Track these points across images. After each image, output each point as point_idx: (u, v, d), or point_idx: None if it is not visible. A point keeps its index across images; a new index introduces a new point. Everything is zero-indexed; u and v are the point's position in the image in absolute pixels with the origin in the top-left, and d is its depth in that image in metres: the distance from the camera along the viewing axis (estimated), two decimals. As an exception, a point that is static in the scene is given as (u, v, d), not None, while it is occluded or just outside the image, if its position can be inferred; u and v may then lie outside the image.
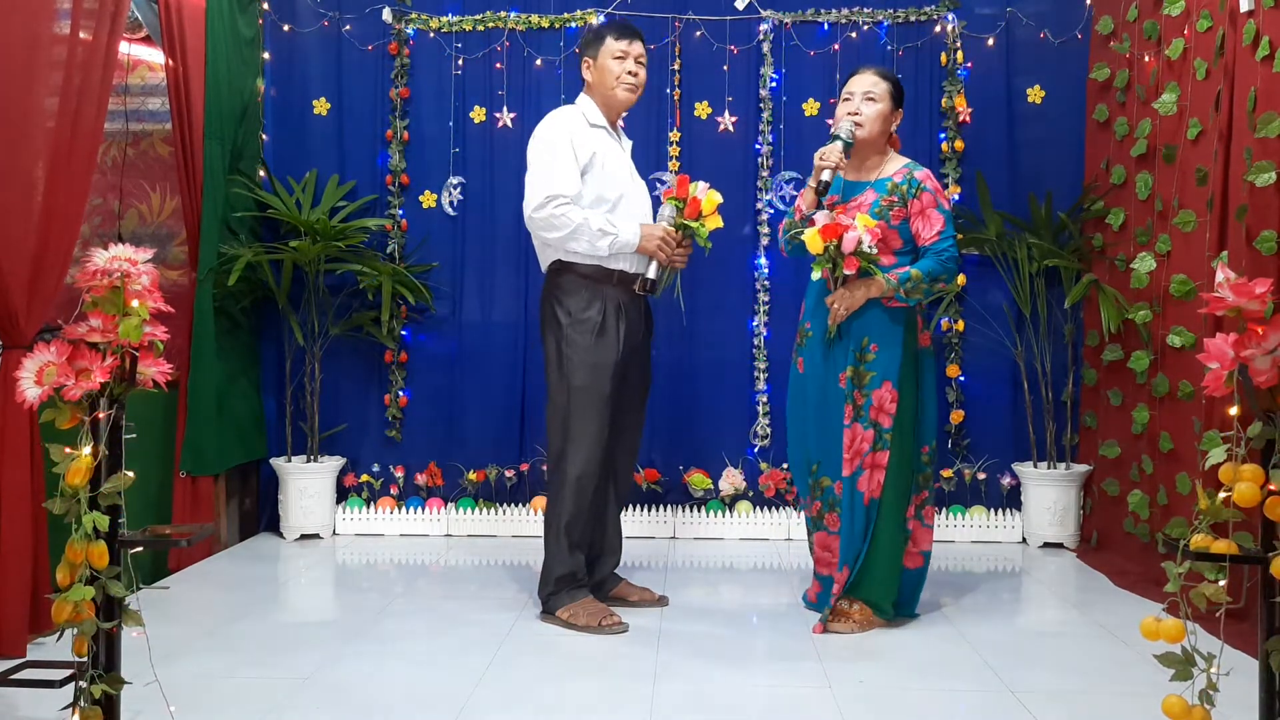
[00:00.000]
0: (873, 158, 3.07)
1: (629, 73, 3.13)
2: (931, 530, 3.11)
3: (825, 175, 2.92)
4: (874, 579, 3.00)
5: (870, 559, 2.98)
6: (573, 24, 4.37)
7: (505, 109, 4.39)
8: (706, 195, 3.06)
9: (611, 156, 3.11)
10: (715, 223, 3.08)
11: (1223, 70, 3.22)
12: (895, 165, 3.05)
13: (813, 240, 2.87)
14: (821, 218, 2.89)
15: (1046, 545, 4.12)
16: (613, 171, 3.09)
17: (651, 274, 3.01)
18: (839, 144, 2.96)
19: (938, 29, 4.33)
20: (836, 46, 4.33)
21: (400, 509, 4.34)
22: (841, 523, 2.98)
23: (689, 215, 3.06)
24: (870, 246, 2.85)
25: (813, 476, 3.06)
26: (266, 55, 4.40)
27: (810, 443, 3.06)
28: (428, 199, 4.41)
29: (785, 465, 4.34)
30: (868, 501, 2.96)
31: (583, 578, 3.11)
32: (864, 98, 3.01)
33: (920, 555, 3.09)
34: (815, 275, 2.97)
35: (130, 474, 1.99)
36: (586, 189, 3.04)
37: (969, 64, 4.31)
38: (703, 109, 4.38)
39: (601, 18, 4.33)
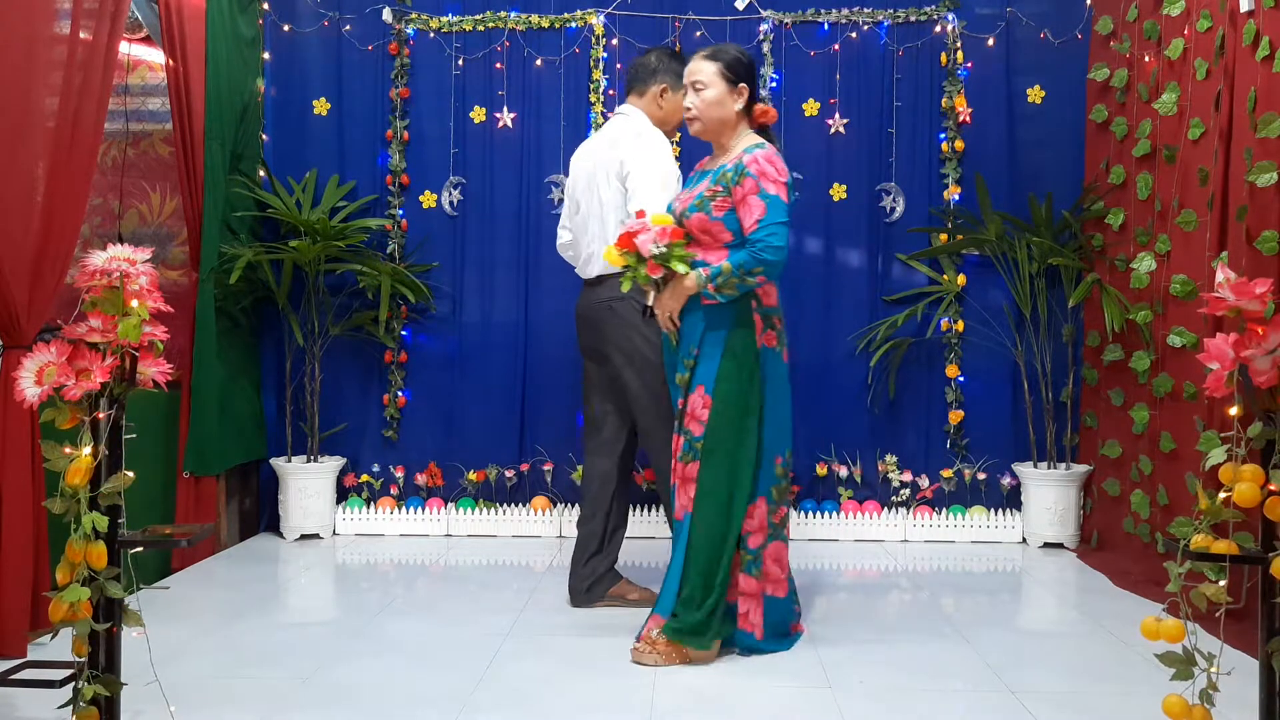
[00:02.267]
0: (724, 140, 2.85)
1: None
2: (787, 546, 2.83)
3: (649, 299, 2.83)
4: (687, 602, 2.69)
5: (684, 580, 2.70)
6: (572, 24, 4.37)
7: (505, 109, 4.39)
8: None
9: None
10: None
11: (1223, 70, 3.22)
12: (738, 149, 2.79)
13: (610, 255, 2.74)
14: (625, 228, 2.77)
15: (1047, 545, 4.12)
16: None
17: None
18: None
19: (938, 29, 4.33)
20: (836, 47, 4.33)
21: (400, 509, 4.34)
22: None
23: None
24: (656, 244, 2.64)
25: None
26: (266, 55, 4.40)
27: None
28: (428, 199, 4.42)
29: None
30: (680, 516, 2.73)
31: None
32: (693, 89, 2.83)
33: (785, 581, 2.81)
34: (625, 288, 2.76)
35: (130, 474, 1.99)
36: None
37: (969, 64, 4.31)
38: (703, 109, 4.37)
39: (601, 18, 4.33)
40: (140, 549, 2.03)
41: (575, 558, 3.27)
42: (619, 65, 4.36)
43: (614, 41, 4.35)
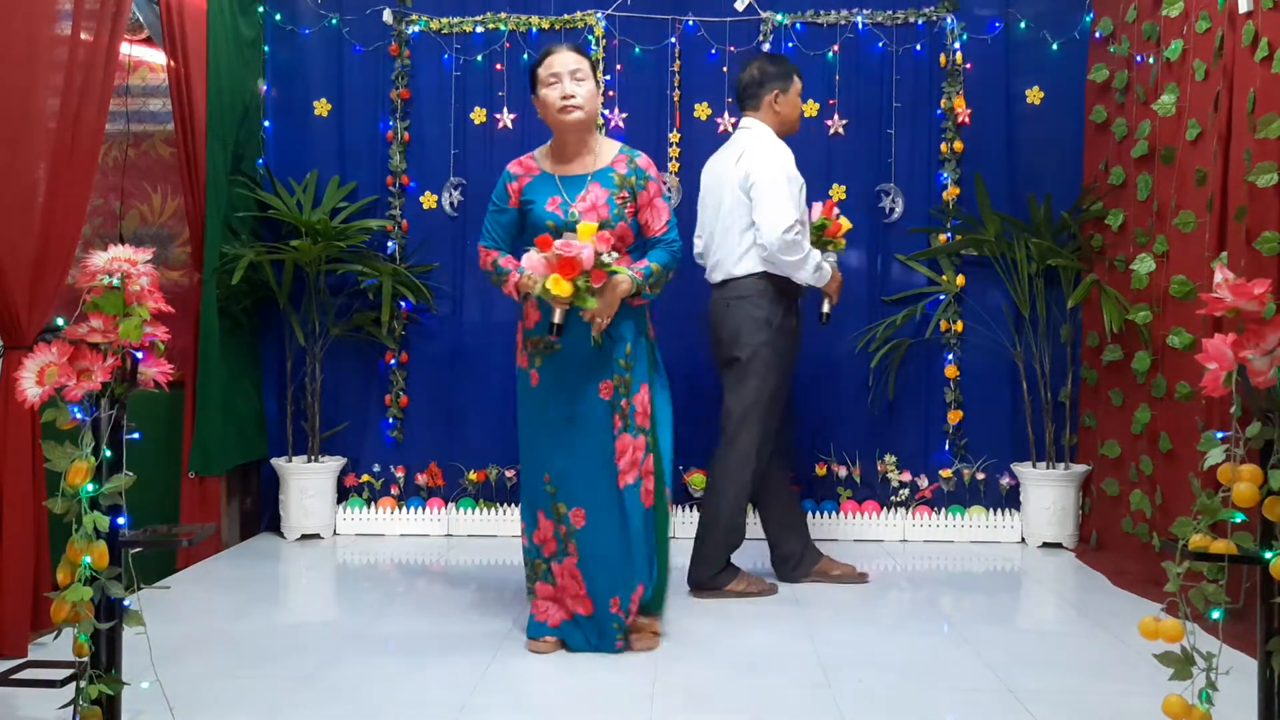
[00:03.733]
0: (587, 143, 2.81)
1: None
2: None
3: (557, 317, 2.62)
4: (660, 585, 2.89)
5: (661, 567, 2.89)
6: (572, 25, 4.37)
7: (505, 110, 4.39)
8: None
9: None
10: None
11: (1222, 71, 3.22)
12: (611, 152, 2.80)
13: (558, 285, 2.52)
14: (536, 262, 2.56)
15: (1045, 545, 4.12)
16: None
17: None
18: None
19: (937, 30, 4.33)
20: (836, 48, 4.33)
21: (401, 509, 4.34)
22: (615, 540, 2.76)
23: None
24: (609, 255, 2.59)
25: (553, 499, 2.79)
26: (267, 56, 4.40)
27: (550, 463, 2.79)
28: (428, 200, 4.42)
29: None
30: (650, 504, 2.81)
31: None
32: (573, 77, 2.74)
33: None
34: (590, 304, 2.59)
35: (131, 474, 2.00)
36: None
37: (968, 65, 4.32)
38: (702, 110, 4.38)
39: (601, 19, 4.34)
40: (141, 549, 2.04)
41: (700, 540, 3.47)
42: (619, 66, 4.36)
43: (614, 42, 4.35)
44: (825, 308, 3.52)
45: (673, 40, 4.36)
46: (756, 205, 3.27)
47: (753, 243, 3.30)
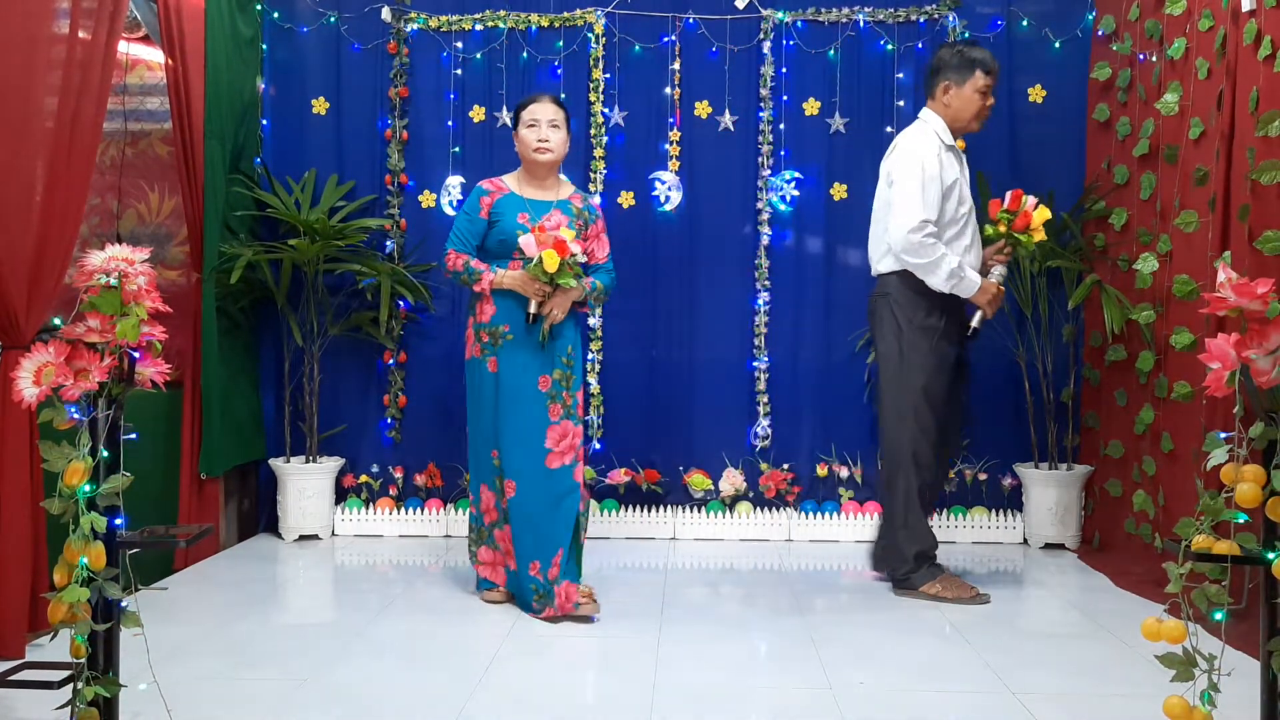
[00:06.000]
0: (552, 178, 3.31)
1: (987, 107, 3.39)
2: None
3: (533, 308, 3.12)
4: (578, 553, 3.20)
5: (576, 540, 3.18)
6: (572, 23, 4.36)
7: (505, 108, 4.38)
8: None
9: (963, 179, 3.37)
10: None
11: (1225, 70, 3.21)
12: (568, 188, 3.35)
13: (551, 258, 3.03)
14: (531, 242, 3.07)
15: (1048, 546, 4.11)
16: (963, 194, 3.35)
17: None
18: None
19: (939, 28, 4.32)
20: (837, 46, 4.32)
21: (399, 510, 4.33)
22: (539, 511, 3.12)
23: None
24: (581, 254, 3.14)
25: (499, 473, 3.18)
26: (265, 54, 4.39)
27: (496, 440, 3.17)
28: (427, 199, 4.41)
29: (786, 465, 4.33)
30: (584, 491, 3.24)
31: (934, 553, 3.40)
32: (550, 125, 3.22)
33: None
34: (571, 282, 3.08)
35: (128, 475, 1.99)
36: (943, 212, 3.28)
37: (970, 63, 4.30)
38: (703, 108, 4.37)
39: (601, 16, 4.32)
40: (138, 550, 2.03)
41: (880, 531, 3.57)
42: (618, 64, 4.35)
43: (614, 40, 4.34)
44: (974, 321, 3.33)
45: (673, 38, 4.34)
46: (892, 204, 3.29)
47: None
